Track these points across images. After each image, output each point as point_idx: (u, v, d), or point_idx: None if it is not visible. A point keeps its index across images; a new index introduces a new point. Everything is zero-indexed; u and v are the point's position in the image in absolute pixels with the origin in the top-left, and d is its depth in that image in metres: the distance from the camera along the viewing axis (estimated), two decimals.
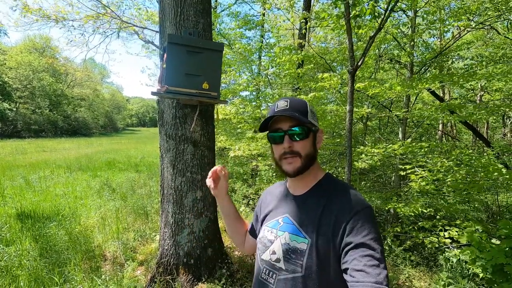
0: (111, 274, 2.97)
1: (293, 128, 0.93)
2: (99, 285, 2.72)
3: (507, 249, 1.97)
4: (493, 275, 2.00)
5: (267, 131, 1.00)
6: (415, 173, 3.75)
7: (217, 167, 1.12)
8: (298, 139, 0.93)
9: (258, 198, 5.73)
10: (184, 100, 2.16)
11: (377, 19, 3.18)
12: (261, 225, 1.10)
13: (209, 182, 1.13)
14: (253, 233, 1.19)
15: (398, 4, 4.10)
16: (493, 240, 2.40)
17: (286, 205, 1.02)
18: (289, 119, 0.93)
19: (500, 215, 6.55)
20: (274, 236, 0.98)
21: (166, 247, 2.58)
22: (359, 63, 3.03)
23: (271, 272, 0.96)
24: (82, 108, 36.81)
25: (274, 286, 0.94)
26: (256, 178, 6.32)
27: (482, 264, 2.10)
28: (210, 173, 1.12)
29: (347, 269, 0.78)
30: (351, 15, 2.98)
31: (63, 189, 6.42)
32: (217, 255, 2.70)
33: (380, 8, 3.54)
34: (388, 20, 4.67)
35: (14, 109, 27.31)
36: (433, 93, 5.93)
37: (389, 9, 2.82)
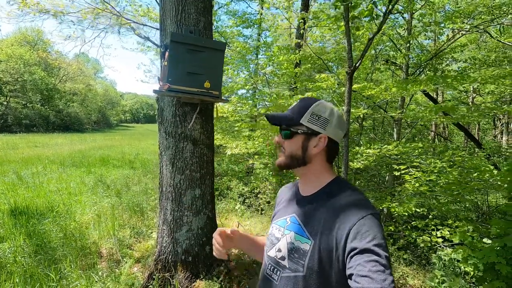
0: (108, 271, 2.97)
1: (282, 127, 1.01)
2: (96, 282, 2.72)
3: (498, 248, 2.03)
4: (485, 273, 2.07)
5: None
6: (409, 173, 3.83)
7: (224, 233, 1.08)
8: (283, 137, 1.01)
9: (253, 196, 5.76)
10: (186, 98, 2.17)
11: (375, 20, 3.22)
12: (272, 222, 1.13)
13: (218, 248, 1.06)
14: None
15: (395, 6, 4.16)
16: (484, 240, 2.47)
17: (294, 204, 1.04)
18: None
19: (490, 215, 6.70)
20: (281, 234, 1.01)
21: (164, 245, 2.59)
22: (357, 65, 3.07)
23: (275, 269, 0.99)
24: (74, 103, 36.20)
25: (277, 282, 0.97)
26: (252, 177, 6.34)
27: (474, 263, 2.16)
28: (218, 240, 1.06)
29: (351, 274, 0.77)
30: (349, 17, 3.02)
31: (56, 185, 6.35)
32: None
33: (378, 9, 3.59)
34: (379, 19, 4.73)
35: (5, 103, 26.77)
36: (427, 95, 6.03)
37: (387, 11, 2.87)
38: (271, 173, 4.42)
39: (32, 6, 4.40)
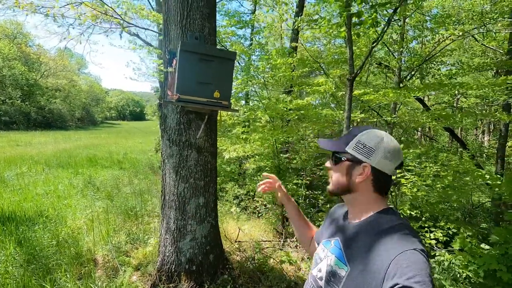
0: (106, 280, 2.89)
1: (332, 154, 1.04)
2: None
3: (498, 255, 2.11)
4: (485, 279, 2.14)
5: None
6: (405, 177, 3.91)
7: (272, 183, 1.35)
8: (332, 163, 1.03)
9: (249, 199, 5.75)
10: (195, 108, 2.13)
11: (375, 28, 3.26)
12: (320, 239, 1.18)
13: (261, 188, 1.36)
14: (317, 239, 1.26)
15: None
16: (482, 245, 2.56)
17: (340, 228, 1.05)
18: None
19: (473, 213, 6.96)
20: (324, 255, 1.03)
21: (167, 254, 2.54)
22: (358, 72, 3.10)
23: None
24: (57, 99, 34.87)
25: None
26: (246, 179, 6.32)
27: (474, 269, 2.23)
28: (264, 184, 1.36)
29: None
30: (351, 23, 3.03)
31: (44, 188, 6.13)
32: (218, 260, 2.70)
33: (379, 17, 3.63)
34: (380, 26, 4.80)
35: None
36: (418, 98, 6.18)
37: (389, 20, 2.90)
38: None
39: (25, 6, 4.18)
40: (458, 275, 2.49)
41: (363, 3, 2.79)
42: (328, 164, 1.06)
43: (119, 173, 8.37)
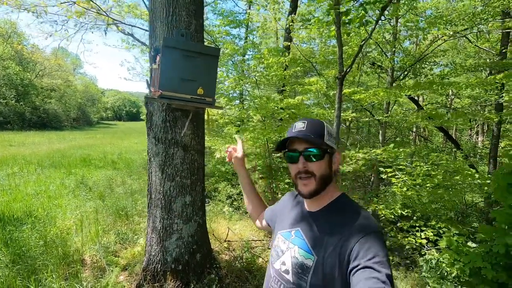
0: (92, 281, 2.85)
1: (308, 149, 0.96)
2: None
3: (483, 253, 2.10)
4: (471, 277, 2.14)
5: (285, 150, 1.03)
6: (396, 177, 3.91)
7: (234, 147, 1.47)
8: (314, 160, 0.96)
9: (241, 199, 5.72)
10: (178, 105, 2.10)
11: (365, 27, 3.26)
12: (274, 228, 1.18)
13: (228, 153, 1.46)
14: (267, 216, 1.30)
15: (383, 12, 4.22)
16: (469, 243, 2.56)
17: (299, 218, 1.05)
18: (305, 141, 0.96)
19: (466, 213, 6.98)
20: (286, 247, 1.02)
21: (153, 253, 2.51)
22: (347, 70, 3.09)
23: (279, 282, 1.00)
24: (52, 99, 34.53)
25: None
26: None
27: (460, 267, 2.23)
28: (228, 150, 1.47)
29: None
30: (341, 22, 3.03)
31: (34, 188, 6.06)
32: (205, 260, 2.67)
33: (368, 16, 3.63)
34: (370, 26, 4.81)
35: None
36: (411, 98, 6.20)
37: (378, 19, 2.90)
38: (261, 176, 4.41)
39: (9, 2, 4.13)
40: (446, 273, 2.49)
41: (352, 1, 2.78)
42: (302, 165, 0.95)
43: (113, 173, 8.31)
